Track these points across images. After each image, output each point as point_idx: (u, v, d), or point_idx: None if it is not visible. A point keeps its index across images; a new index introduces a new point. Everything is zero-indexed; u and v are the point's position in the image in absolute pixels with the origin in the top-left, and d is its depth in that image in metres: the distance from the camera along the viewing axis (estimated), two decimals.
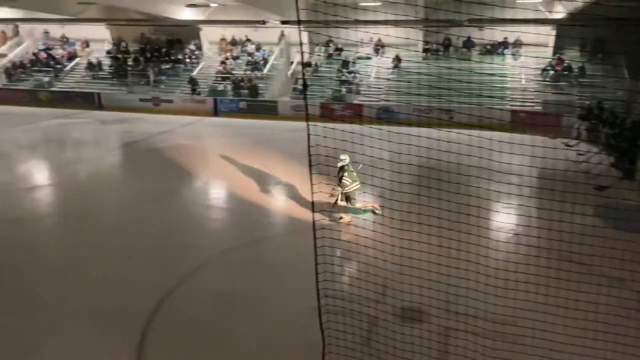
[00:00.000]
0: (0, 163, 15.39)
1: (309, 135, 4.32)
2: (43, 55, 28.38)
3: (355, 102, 22.40)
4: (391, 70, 23.55)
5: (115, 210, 11.36)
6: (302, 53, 17.03)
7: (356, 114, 20.85)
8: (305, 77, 24.33)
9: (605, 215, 8.80)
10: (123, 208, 11.55)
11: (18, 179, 13.50)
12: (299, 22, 4.55)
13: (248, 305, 7.06)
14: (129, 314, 6.81)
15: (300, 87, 23.76)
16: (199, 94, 24.46)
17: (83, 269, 8.24)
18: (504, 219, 9.79)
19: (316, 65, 25.00)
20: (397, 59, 23.55)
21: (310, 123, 4.32)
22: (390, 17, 17.91)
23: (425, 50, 23.98)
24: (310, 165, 4.49)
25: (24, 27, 29.93)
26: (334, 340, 5.22)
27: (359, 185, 10.07)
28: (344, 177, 9.89)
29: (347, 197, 10.09)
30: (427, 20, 22.11)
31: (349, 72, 23.87)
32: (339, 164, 9.92)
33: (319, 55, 25.35)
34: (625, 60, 20.40)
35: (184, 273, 8.02)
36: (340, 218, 10.19)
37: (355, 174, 9.99)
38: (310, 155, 4.45)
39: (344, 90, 23.07)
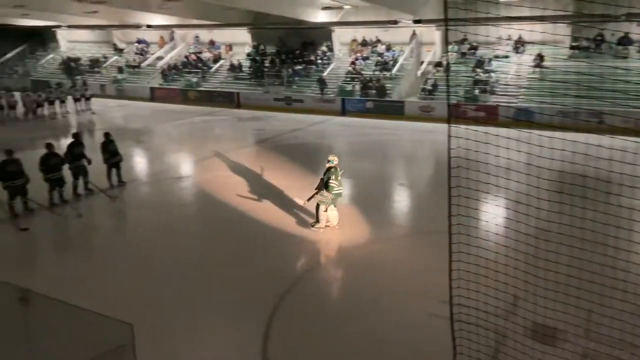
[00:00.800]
0: (153, 154, 17.34)
1: (449, 137, 4.07)
2: (193, 57, 31.39)
3: (490, 102, 21.16)
4: (532, 69, 21.82)
5: (244, 201, 12.05)
6: (447, 52, 16.45)
7: (490, 115, 19.67)
8: (436, 76, 23.61)
9: None
10: (252, 199, 12.21)
11: (166, 169, 15.03)
12: (445, 21, 4.30)
13: (369, 305, 6.98)
14: (255, 301, 7.14)
15: (429, 87, 23.13)
16: (326, 93, 25.10)
17: (215, 253, 8.86)
18: None
19: (448, 64, 24.12)
20: (540, 58, 21.73)
21: (451, 125, 4.06)
22: (537, 13, 16.59)
23: (573, 48, 21.78)
24: (449, 168, 4.22)
25: (178, 33, 33.36)
26: (465, 349, 4.93)
27: (342, 191, 9.69)
28: (330, 180, 9.32)
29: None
30: (579, 15, 20.02)
31: (484, 72, 22.62)
32: (327, 165, 9.54)
33: (451, 54, 24.43)
34: None
35: (308, 266, 8.21)
36: (314, 225, 9.64)
37: (340, 178, 9.52)
38: (450, 158, 4.18)
39: (477, 90, 21.93)
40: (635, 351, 5.11)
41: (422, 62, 25.68)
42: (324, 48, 28.13)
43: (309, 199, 9.71)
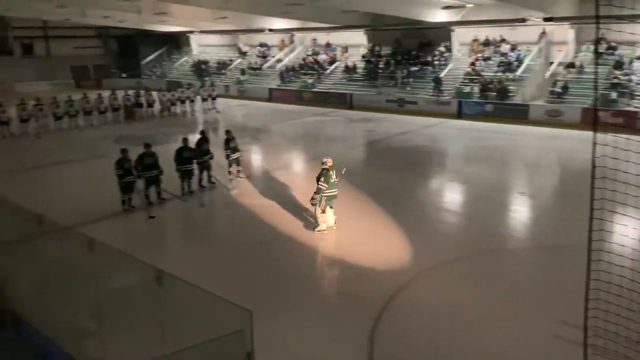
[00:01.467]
0: (269, 151, 18.15)
1: (594, 144, 3.68)
2: (310, 59, 32.35)
3: (631, 108, 18.98)
4: None
5: (350, 201, 12.12)
6: (596, 51, 14.88)
7: (630, 122, 17.64)
8: (567, 78, 21.72)
9: None
10: (358, 199, 12.22)
11: (280, 166, 15.63)
12: (597, 17, 3.89)
13: (474, 319, 6.61)
14: (361, 303, 7.12)
15: (558, 89, 21.36)
16: (442, 95, 24.34)
17: (324, 252, 9.00)
18: None
19: (581, 66, 22.09)
20: None
21: (599, 132, 3.66)
22: None
23: None
24: (593, 178, 3.82)
25: (298, 36, 34.59)
26: None
27: (335, 193, 9.46)
28: (319, 182, 9.20)
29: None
30: None
31: (624, 74, 20.34)
32: (322, 167, 9.46)
33: (586, 54, 22.33)
34: None
35: (413, 273, 7.99)
36: (316, 228, 9.51)
37: (332, 180, 9.38)
38: (593, 167, 3.79)
39: (614, 94, 19.78)
40: None
41: (551, 63, 23.82)
42: (441, 48, 27.32)
43: (312, 201, 9.60)
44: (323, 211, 9.47)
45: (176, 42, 42.22)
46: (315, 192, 9.41)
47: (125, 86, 29.80)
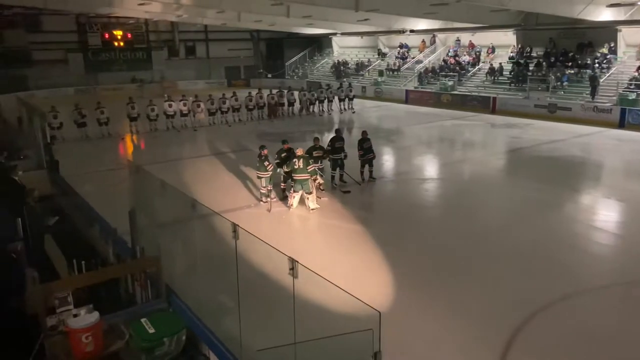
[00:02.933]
0: (403, 154, 17.94)
1: None
2: (451, 61, 31.28)
3: None
4: None
5: (492, 212, 11.44)
6: None
7: None
8: None
9: None
10: (500, 211, 11.51)
11: (414, 170, 15.37)
12: None
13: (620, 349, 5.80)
14: (495, 318, 6.71)
15: None
16: (597, 100, 21.80)
17: (456, 260, 8.65)
18: None
19: None
20: None
21: None
22: None
23: None
24: None
25: (440, 36, 33.69)
26: None
27: (302, 177, 10.79)
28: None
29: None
30: None
31: None
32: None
33: None
34: None
35: (555, 295, 7.28)
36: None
37: (296, 167, 10.74)
38: None
39: None
40: None
41: None
42: (604, 50, 24.48)
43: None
44: (291, 192, 11.16)
45: (319, 44, 43.94)
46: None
47: (271, 85, 31.80)
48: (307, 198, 11.08)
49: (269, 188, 11.51)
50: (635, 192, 12.77)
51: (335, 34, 39.81)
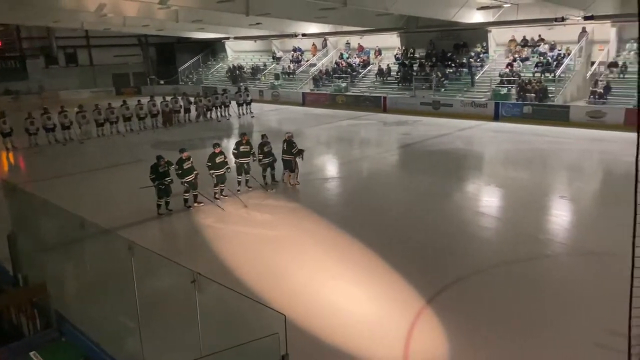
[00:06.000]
0: (304, 155, 18.15)
1: (638, 147, 3.55)
2: (343, 63, 32.37)
3: None
4: None
5: (391, 206, 12.01)
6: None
7: None
8: (609, 78, 20.95)
9: None
10: (398, 204, 12.13)
11: (316, 170, 15.67)
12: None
13: (514, 327, 6.44)
14: (396, 306, 7.06)
15: (600, 90, 20.62)
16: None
17: (361, 254, 8.97)
18: None
19: (624, 65, 21.27)
20: None
21: None
22: None
23: None
24: (637, 182, 3.69)
25: (330, 40, 34.69)
26: None
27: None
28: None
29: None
30: None
31: None
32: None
33: (628, 54, 21.51)
34: None
35: (452, 279, 7.85)
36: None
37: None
38: (638, 171, 3.65)
39: None
40: None
41: (592, 63, 23.03)
42: (477, 49, 26.85)
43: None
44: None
45: (212, 49, 43.09)
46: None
47: (164, 92, 30.58)
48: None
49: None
50: (512, 178, 14.18)
51: (228, 38, 39.32)
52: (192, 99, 26.26)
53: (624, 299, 4.17)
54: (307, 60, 35.27)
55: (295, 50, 36.55)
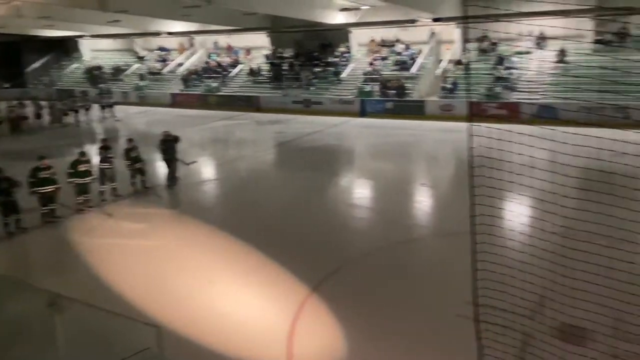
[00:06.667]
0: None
1: (470, 136, 4.04)
2: (213, 63, 31.75)
3: (512, 100, 20.86)
4: (554, 65, 21.42)
5: (269, 204, 12.12)
6: (465, 50, 16.30)
7: (512, 113, 19.40)
8: (456, 75, 23.37)
9: None
10: (277, 202, 12.27)
11: (191, 174, 15.16)
12: (465, 18, 4.25)
13: (390, 308, 6.95)
14: (278, 303, 7.18)
15: (449, 86, 22.90)
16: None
17: (242, 253, 8.93)
18: None
19: (468, 62, 23.85)
20: (562, 53, 21.32)
21: (472, 123, 4.03)
22: (559, 7, 16.30)
23: (596, 42, 21.32)
24: (470, 167, 4.19)
25: (198, 39, 33.78)
26: (490, 350, 4.86)
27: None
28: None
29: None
30: (601, 9, 19.61)
31: (505, 69, 22.31)
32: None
33: (471, 51, 24.17)
34: None
35: (331, 269, 8.18)
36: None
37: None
38: (471, 157, 4.15)
39: (498, 88, 21.62)
40: None
41: (441, 61, 25.46)
42: (342, 49, 28.14)
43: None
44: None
45: (64, 48, 39.31)
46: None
47: (9, 97, 27.27)
48: None
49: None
50: (380, 170, 15.16)
51: (82, 36, 36.22)
52: (43, 103, 23.78)
53: (480, 273, 4.76)
54: (174, 60, 33.95)
55: (161, 49, 34.95)
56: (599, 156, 5.11)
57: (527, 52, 22.72)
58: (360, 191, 13.35)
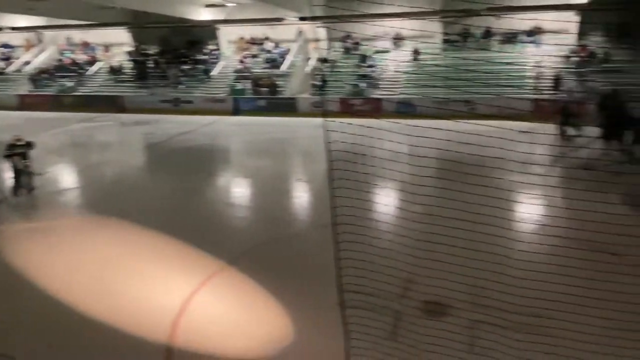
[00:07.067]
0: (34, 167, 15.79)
1: (325, 131, 4.34)
2: (67, 60, 29.05)
3: (374, 96, 22.33)
4: (409, 63, 23.37)
5: (141, 210, 11.56)
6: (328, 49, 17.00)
7: (375, 109, 20.81)
8: (323, 72, 24.33)
9: (631, 203, 8.60)
10: (149, 207, 11.75)
11: (48, 183, 13.84)
12: (318, 17, 4.54)
13: (270, 304, 7.13)
14: (155, 314, 6.96)
15: (318, 83, 23.78)
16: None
17: (114, 267, 8.43)
18: (529, 209, 9.66)
19: (334, 60, 24.97)
20: (416, 52, 23.35)
21: (327, 119, 4.34)
22: (407, 10, 17.87)
23: (445, 42, 23.73)
24: (329, 161, 4.51)
25: (47, 34, 30.63)
26: (360, 335, 5.25)
27: None
28: None
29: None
30: (443, 12, 21.84)
31: (368, 67, 23.78)
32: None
33: (335, 50, 25.36)
34: None
35: (211, 271, 8.12)
36: None
37: None
38: (329, 152, 4.47)
39: (363, 85, 22.99)
40: (511, 317, 5.81)
41: (309, 59, 26.28)
42: (211, 46, 27.61)
43: None
44: None
45: None
46: None
47: None
48: None
49: None
50: (256, 168, 15.26)
51: None
52: None
53: (352, 262, 5.11)
54: (20, 58, 30.40)
55: (3, 46, 31.05)
56: (449, 146, 5.80)
57: (386, 51, 24.46)
58: (238, 190, 13.34)
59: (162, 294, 7.44)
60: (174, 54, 27.65)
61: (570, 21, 21.05)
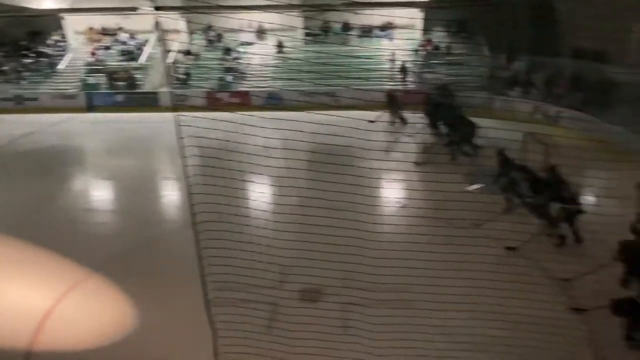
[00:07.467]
0: None
1: (178, 126, 4.24)
2: None
3: (241, 89, 22.15)
4: (274, 56, 23.57)
5: None
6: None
7: (242, 102, 20.65)
8: (186, 65, 23.46)
9: (476, 182, 9.74)
10: None
11: None
12: (157, 8, 4.36)
13: (136, 310, 6.80)
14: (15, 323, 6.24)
15: (181, 76, 22.87)
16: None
17: None
18: (387, 193, 10.42)
19: (197, 53, 24.20)
20: (280, 45, 23.60)
21: (180, 114, 4.25)
22: (267, 2, 17.91)
23: (306, 35, 24.31)
24: (183, 157, 4.42)
25: None
26: (230, 332, 5.22)
27: None
28: None
29: None
30: (303, 6, 22.36)
31: (233, 59, 23.47)
32: None
33: (198, 42, 24.58)
34: (485, 39, 22.51)
35: (68, 286, 7.46)
36: None
37: None
38: (183, 147, 4.36)
39: (230, 78, 22.63)
40: (379, 295, 6.22)
41: (169, 51, 25.08)
42: (56, 37, 24.93)
43: None
44: None
45: None
46: None
47: None
48: None
49: None
50: (118, 167, 14.22)
51: None
52: None
53: (219, 259, 5.06)
54: None
55: None
56: (313, 137, 6.00)
57: (250, 44, 24.32)
58: (98, 193, 12.34)
59: (22, 304, 6.69)
60: (12, 46, 24.44)
61: (416, 17, 22.91)
